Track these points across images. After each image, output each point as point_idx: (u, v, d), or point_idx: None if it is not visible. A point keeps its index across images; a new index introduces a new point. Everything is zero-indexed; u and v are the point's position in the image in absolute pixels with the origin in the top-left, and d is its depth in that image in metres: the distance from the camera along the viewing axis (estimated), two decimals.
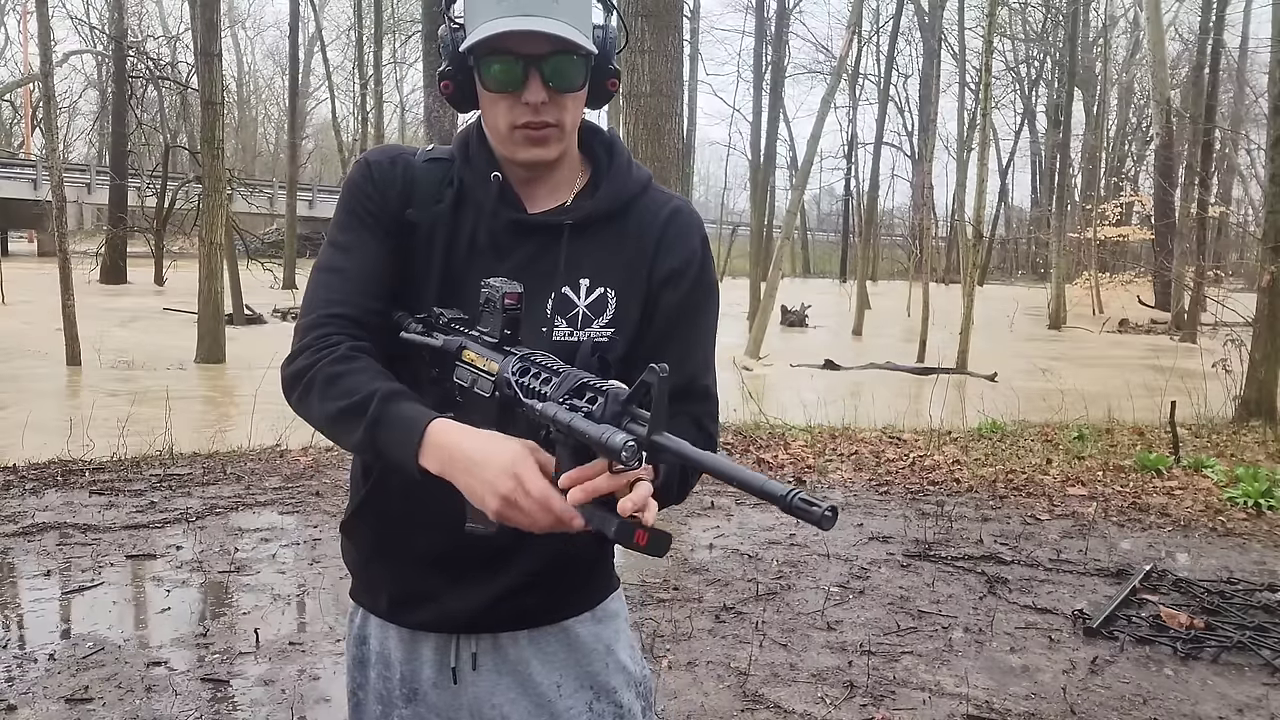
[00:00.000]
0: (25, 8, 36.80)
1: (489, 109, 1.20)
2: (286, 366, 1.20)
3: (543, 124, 1.16)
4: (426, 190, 1.25)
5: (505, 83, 1.15)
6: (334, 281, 1.22)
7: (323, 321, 1.19)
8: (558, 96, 1.16)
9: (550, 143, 1.19)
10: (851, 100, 41.19)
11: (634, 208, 1.27)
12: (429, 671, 1.29)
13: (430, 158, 1.27)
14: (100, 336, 12.70)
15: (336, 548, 4.75)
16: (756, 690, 3.09)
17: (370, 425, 1.09)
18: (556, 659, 1.29)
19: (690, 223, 1.29)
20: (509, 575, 1.25)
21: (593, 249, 1.24)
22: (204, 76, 13.03)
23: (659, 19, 6.35)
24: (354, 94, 36.08)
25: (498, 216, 1.23)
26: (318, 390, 1.15)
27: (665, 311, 1.26)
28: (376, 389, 1.11)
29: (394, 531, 1.27)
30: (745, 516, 5.18)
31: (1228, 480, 5.92)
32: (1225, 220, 29.60)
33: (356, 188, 1.25)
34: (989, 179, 21.47)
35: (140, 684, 3.05)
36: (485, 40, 1.12)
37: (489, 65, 1.15)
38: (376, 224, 1.24)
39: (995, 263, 45.72)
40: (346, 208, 1.26)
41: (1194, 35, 30.03)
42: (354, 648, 1.36)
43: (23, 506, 4.98)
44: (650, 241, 1.26)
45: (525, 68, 1.14)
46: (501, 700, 1.28)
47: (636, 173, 1.29)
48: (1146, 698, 3.08)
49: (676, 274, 1.26)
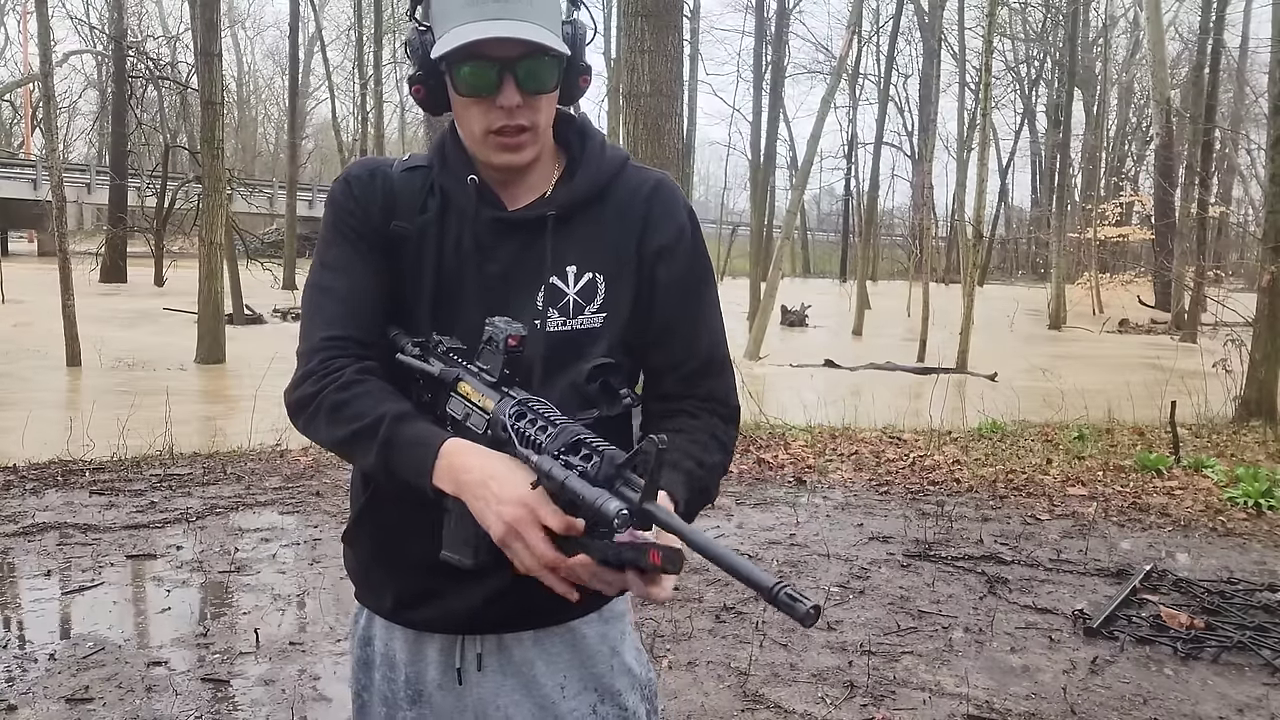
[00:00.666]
0: (25, 8, 36.79)
1: (462, 113, 1.19)
2: (291, 393, 1.20)
3: (517, 128, 1.16)
4: (408, 200, 1.25)
5: (478, 87, 1.14)
6: (327, 303, 1.22)
7: (323, 346, 1.19)
8: (531, 99, 1.16)
9: (525, 147, 1.19)
10: (851, 100, 41.26)
11: (614, 189, 1.27)
12: (434, 673, 1.29)
13: (408, 167, 1.27)
14: (100, 337, 12.71)
15: (336, 548, 4.73)
16: (757, 690, 3.09)
17: (382, 447, 1.10)
18: (561, 660, 1.28)
19: (674, 197, 1.29)
20: (511, 576, 1.24)
21: (577, 236, 1.24)
22: (204, 76, 13.03)
23: (659, 19, 6.35)
24: (354, 94, 36.10)
25: (480, 218, 1.23)
26: (324, 417, 1.16)
27: (665, 289, 1.26)
28: (386, 411, 1.12)
29: (393, 539, 1.27)
30: (745, 516, 5.18)
31: (1228, 480, 5.92)
32: (1225, 220, 29.59)
33: (339, 205, 1.25)
34: (989, 179, 21.47)
35: (140, 684, 3.05)
36: (456, 48, 1.11)
37: (461, 70, 1.14)
38: (360, 240, 1.24)
39: (995, 263, 45.72)
40: (332, 226, 1.26)
41: (1194, 35, 30.03)
42: (359, 649, 1.35)
43: (23, 506, 4.98)
44: (635, 220, 1.26)
45: (499, 72, 1.13)
46: (506, 702, 1.27)
47: (612, 154, 1.29)
48: (1147, 698, 3.08)
49: (668, 250, 1.26)
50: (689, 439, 1.21)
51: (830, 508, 5.42)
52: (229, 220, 16.20)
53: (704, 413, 1.26)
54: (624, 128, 6.50)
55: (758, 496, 5.63)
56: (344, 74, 41.53)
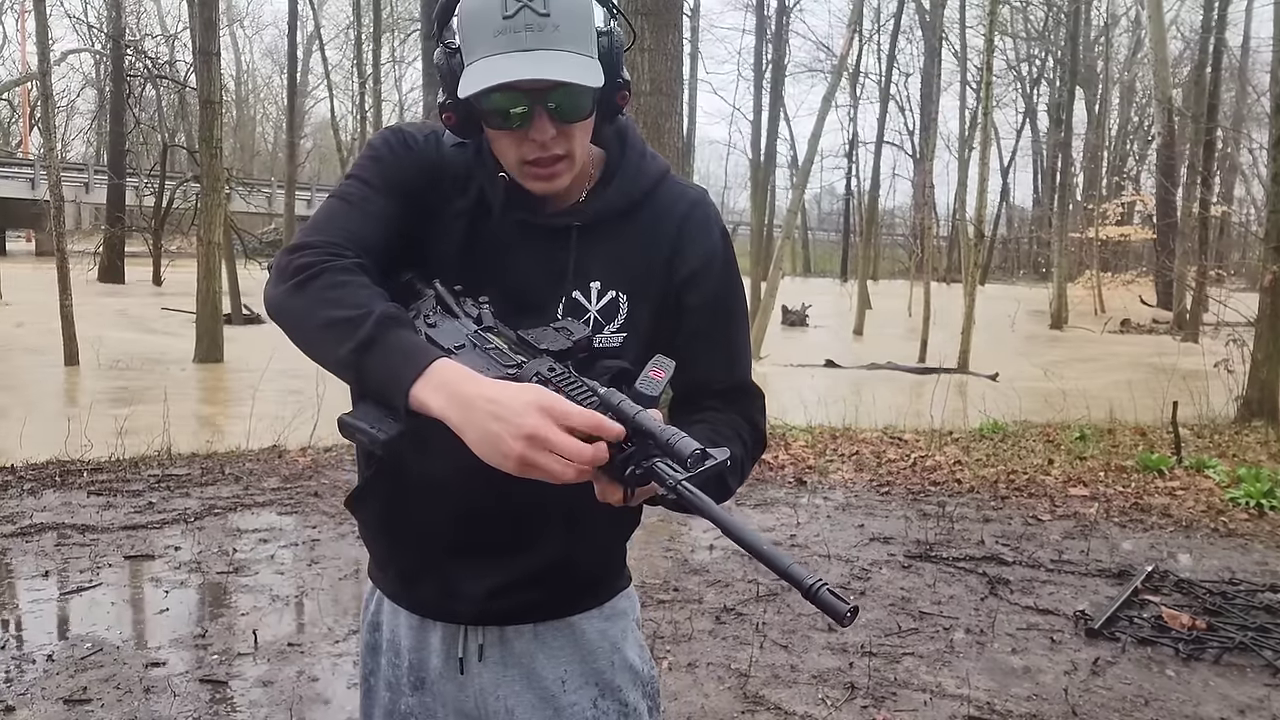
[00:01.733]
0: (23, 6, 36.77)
1: (495, 142, 1.16)
2: (286, 255, 1.12)
3: (553, 159, 1.13)
4: (453, 175, 1.21)
5: (509, 121, 1.11)
6: (352, 213, 1.16)
7: (334, 239, 1.13)
8: (566, 128, 1.12)
9: (560, 175, 1.15)
10: (852, 99, 41.23)
11: (649, 203, 1.23)
12: (436, 661, 1.28)
13: (456, 142, 1.22)
14: (98, 336, 12.69)
15: (335, 548, 4.74)
16: (757, 691, 3.08)
17: (363, 344, 1.01)
18: (562, 654, 1.28)
19: (708, 216, 1.26)
20: (517, 567, 1.23)
21: (604, 250, 1.21)
22: (202, 75, 13.03)
23: (659, 17, 6.34)
24: (353, 93, 36.06)
25: (506, 217, 1.20)
26: (315, 290, 1.06)
27: (695, 314, 1.23)
28: (379, 309, 1.03)
29: (396, 510, 1.25)
30: (745, 517, 5.17)
31: (1230, 481, 5.91)
32: (1227, 220, 29.58)
33: (392, 149, 1.20)
34: (990, 178, 21.44)
35: (139, 685, 3.03)
36: (481, 91, 1.07)
37: (490, 102, 1.09)
38: (394, 188, 1.18)
39: (997, 262, 45.73)
40: (372, 161, 1.20)
41: (1196, 34, 30.02)
42: (367, 634, 1.35)
43: (21, 507, 4.97)
44: (667, 239, 1.23)
45: (530, 104, 1.09)
46: (506, 693, 1.27)
47: (651, 164, 1.25)
48: (1148, 699, 3.07)
49: (699, 274, 1.23)
50: (711, 428, 1.19)
51: (831, 508, 5.41)
52: (227, 220, 16.20)
53: (732, 419, 1.25)
54: None
55: (758, 497, 5.61)
56: (343, 73, 41.49)
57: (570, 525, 1.21)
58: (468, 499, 1.17)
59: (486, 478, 1.00)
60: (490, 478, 0.99)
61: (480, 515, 1.20)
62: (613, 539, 1.32)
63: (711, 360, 1.26)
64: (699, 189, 1.30)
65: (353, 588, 3.96)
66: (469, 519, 1.20)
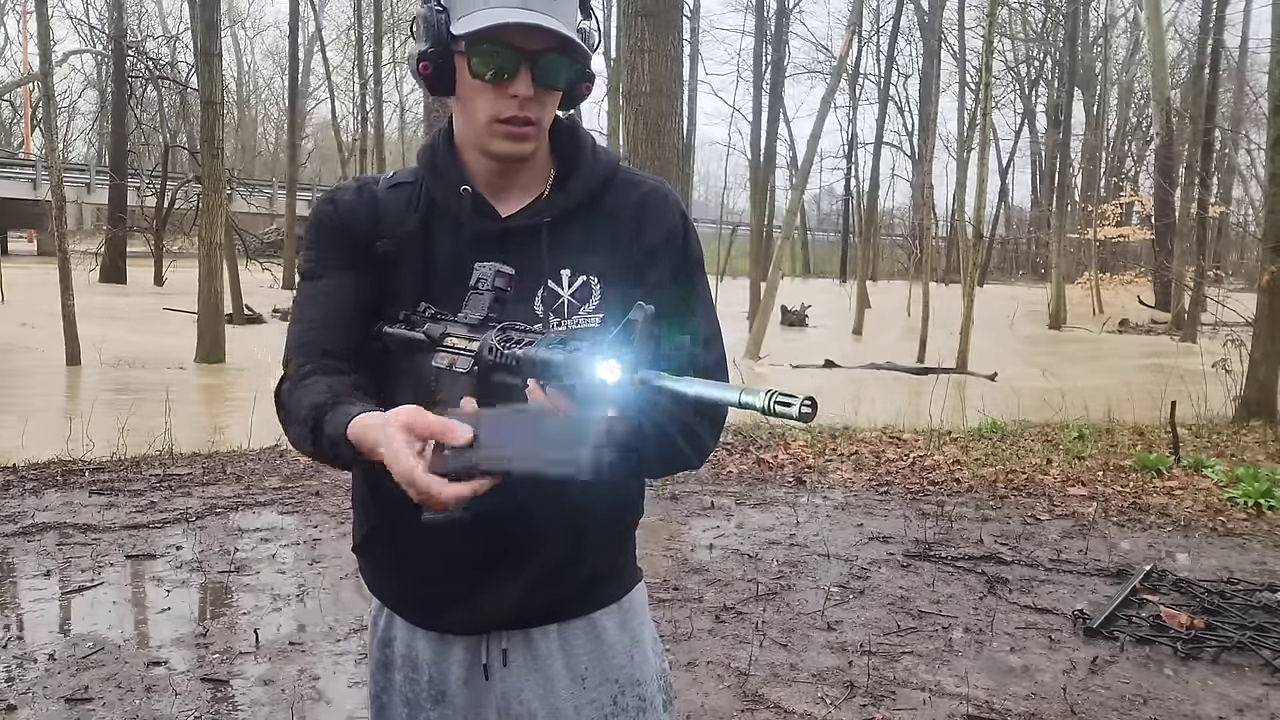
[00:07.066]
0: (25, 7, 36.80)
1: (470, 97, 1.18)
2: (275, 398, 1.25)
3: (524, 120, 1.16)
4: (394, 217, 1.25)
5: (495, 71, 1.14)
6: (307, 313, 1.25)
7: (294, 355, 1.23)
8: (543, 93, 1.16)
9: (529, 139, 1.19)
10: (851, 100, 41.21)
11: (606, 194, 1.27)
12: (459, 671, 1.29)
13: (393, 184, 1.27)
14: (100, 336, 12.69)
15: (336, 547, 4.75)
16: (757, 690, 3.09)
17: (313, 437, 1.12)
18: (583, 652, 1.29)
19: (665, 200, 1.29)
20: (535, 568, 1.24)
21: (571, 241, 1.24)
22: (203, 76, 13.03)
23: (659, 19, 6.35)
24: (354, 94, 36.13)
25: (473, 227, 1.23)
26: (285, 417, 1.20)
27: (652, 291, 1.24)
28: (318, 401, 1.13)
29: (416, 552, 1.25)
30: (745, 516, 5.18)
31: (1228, 480, 5.92)
32: (1225, 220, 29.61)
33: (324, 221, 1.26)
34: (989, 179, 21.47)
35: (140, 684, 3.04)
36: (484, 29, 1.11)
37: (480, 50, 1.14)
38: (344, 255, 1.25)
39: (995, 262, 45.72)
40: (314, 243, 1.27)
41: (1194, 35, 30.05)
42: (378, 651, 1.34)
43: (22, 506, 4.98)
44: (627, 224, 1.26)
45: (518, 61, 1.14)
46: (530, 696, 1.28)
47: (605, 155, 1.29)
48: (1147, 698, 3.08)
49: (657, 250, 1.26)
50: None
51: (830, 508, 5.42)
52: (229, 220, 16.21)
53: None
54: (624, 128, 6.49)
55: (758, 496, 5.63)
56: (344, 74, 41.59)
57: (578, 514, 1.22)
58: (482, 513, 1.18)
59: (494, 488, 1.02)
60: (497, 486, 1.01)
61: (496, 525, 1.19)
62: (622, 524, 1.34)
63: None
64: (656, 179, 1.34)
65: (353, 587, 3.97)
66: (486, 533, 1.19)
